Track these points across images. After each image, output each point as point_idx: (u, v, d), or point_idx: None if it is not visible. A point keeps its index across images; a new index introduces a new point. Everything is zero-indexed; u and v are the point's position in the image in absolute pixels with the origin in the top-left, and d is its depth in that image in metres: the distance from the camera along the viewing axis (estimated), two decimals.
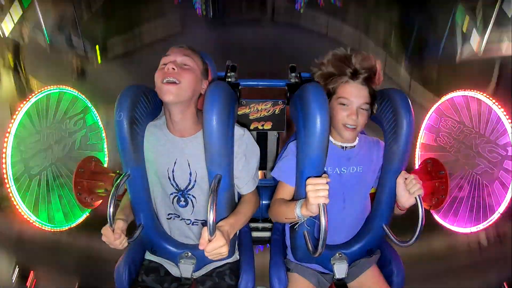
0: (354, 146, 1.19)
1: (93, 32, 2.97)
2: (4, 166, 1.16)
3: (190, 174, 1.14)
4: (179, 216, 1.20)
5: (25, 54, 2.16)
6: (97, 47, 2.94)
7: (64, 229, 1.40)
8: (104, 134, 1.67)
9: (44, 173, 1.32)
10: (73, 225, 1.45)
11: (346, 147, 1.18)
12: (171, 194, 1.17)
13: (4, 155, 1.16)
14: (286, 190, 1.17)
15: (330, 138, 1.16)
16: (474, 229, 1.35)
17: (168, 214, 1.21)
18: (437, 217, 1.48)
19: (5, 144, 1.16)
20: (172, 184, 1.15)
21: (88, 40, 2.85)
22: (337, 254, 1.21)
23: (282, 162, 1.20)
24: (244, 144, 1.17)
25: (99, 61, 2.96)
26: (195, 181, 1.14)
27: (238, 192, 1.25)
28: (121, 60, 3.20)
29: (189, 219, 1.20)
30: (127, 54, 3.29)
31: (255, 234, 1.72)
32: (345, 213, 1.21)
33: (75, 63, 2.69)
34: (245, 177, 1.19)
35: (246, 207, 1.18)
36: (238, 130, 1.15)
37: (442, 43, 2.76)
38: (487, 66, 2.23)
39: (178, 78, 1.04)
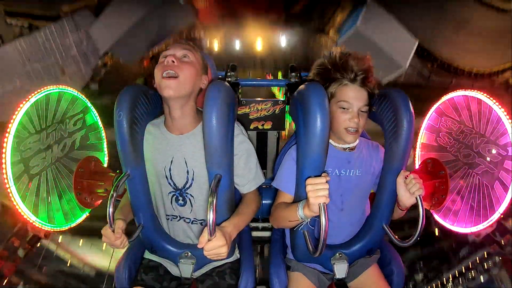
0: (354, 147, 1.20)
1: None
2: (4, 166, 1.16)
3: (187, 172, 1.14)
4: (177, 217, 1.20)
5: None
6: None
7: (64, 229, 1.40)
8: (104, 134, 1.67)
9: (44, 173, 1.32)
10: (73, 225, 1.44)
11: (346, 148, 1.18)
12: (169, 193, 1.17)
13: (3, 155, 1.15)
14: (286, 198, 1.17)
15: (330, 141, 1.16)
16: (474, 229, 1.35)
17: (167, 216, 1.21)
18: (437, 217, 1.48)
19: (4, 144, 1.16)
20: (169, 183, 1.16)
21: None
22: (337, 254, 1.21)
23: (282, 171, 1.20)
24: (244, 141, 1.17)
25: None
26: (193, 179, 1.14)
27: (238, 193, 1.25)
28: None
29: (188, 218, 1.20)
30: None
31: (255, 234, 1.72)
32: (343, 216, 1.21)
33: None
34: (247, 175, 1.19)
35: (248, 207, 1.18)
36: (236, 128, 1.15)
37: None
38: None
39: (178, 71, 1.04)
